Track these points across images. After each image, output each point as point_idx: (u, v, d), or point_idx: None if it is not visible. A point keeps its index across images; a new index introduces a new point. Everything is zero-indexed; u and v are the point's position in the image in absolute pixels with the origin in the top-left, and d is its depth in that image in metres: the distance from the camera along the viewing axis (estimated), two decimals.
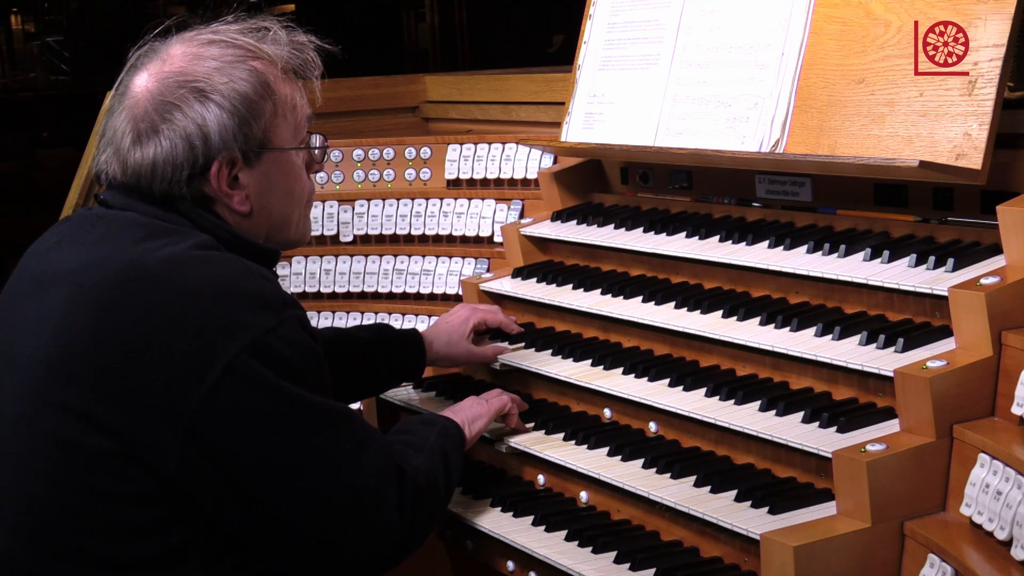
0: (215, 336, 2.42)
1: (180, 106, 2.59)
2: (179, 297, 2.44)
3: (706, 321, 2.99)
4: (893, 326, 2.68)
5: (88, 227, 2.62)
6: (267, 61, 2.68)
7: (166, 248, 2.51)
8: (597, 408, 3.15)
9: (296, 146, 2.73)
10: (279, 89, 2.69)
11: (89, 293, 2.48)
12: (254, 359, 2.43)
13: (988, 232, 2.69)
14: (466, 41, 14.92)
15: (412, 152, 4.30)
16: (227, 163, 2.62)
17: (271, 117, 2.66)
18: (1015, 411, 2.35)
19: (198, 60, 2.63)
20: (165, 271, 2.47)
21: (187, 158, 2.59)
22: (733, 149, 3.17)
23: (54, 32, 17.68)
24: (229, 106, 2.60)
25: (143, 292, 2.45)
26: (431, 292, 4.08)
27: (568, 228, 3.60)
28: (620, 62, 3.58)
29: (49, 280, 2.56)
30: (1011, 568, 2.18)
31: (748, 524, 2.49)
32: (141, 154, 2.60)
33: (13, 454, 2.49)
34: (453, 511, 3.02)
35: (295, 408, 2.48)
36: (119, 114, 2.65)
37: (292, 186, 2.74)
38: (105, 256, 2.52)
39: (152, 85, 2.62)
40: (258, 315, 2.47)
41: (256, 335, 2.44)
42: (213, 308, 2.45)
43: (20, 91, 17.43)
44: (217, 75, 2.62)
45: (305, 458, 2.49)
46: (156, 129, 2.59)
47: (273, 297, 2.53)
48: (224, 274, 2.50)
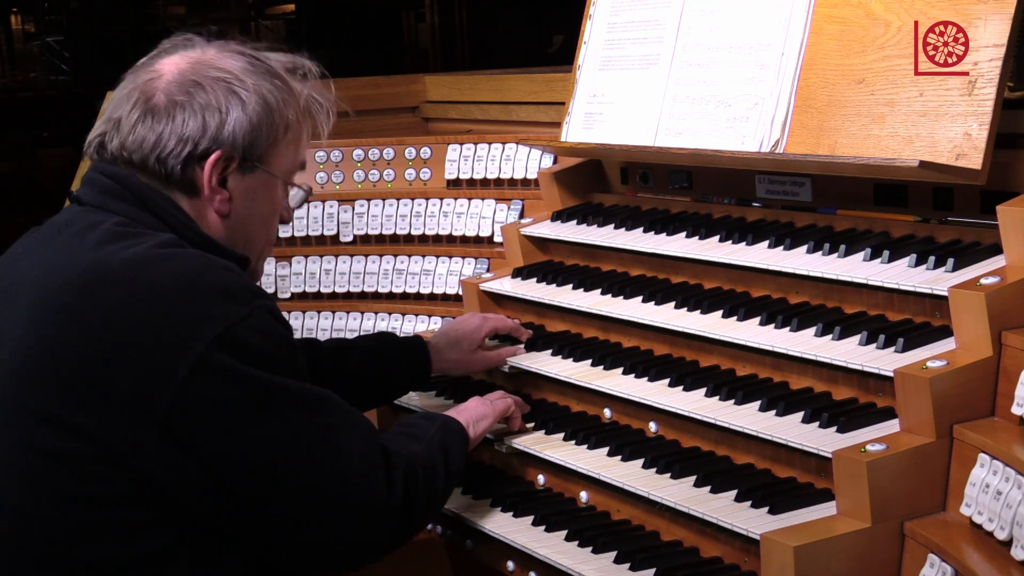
0: (182, 331, 2.42)
1: (206, 88, 2.63)
2: (144, 296, 2.44)
3: (706, 321, 2.99)
4: (893, 326, 2.68)
5: (54, 234, 2.62)
6: (294, 92, 2.74)
7: (129, 250, 2.50)
8: (597, 408, 3.15)
9: (286, 179, 2.77)
10: (294, 121, 2.74)
11: (52, 298, 2.48)
12: (222, 351, 2.42)
13: (988, 232, 2.69)
14: (466, 41, 14.92)
15: (412, 152, 4.30)
16: (225, 159, 2.64)
17: (277, 140, 2.70)
18: (1015, 411, 2.35)
19: (234, 60, 2.69)
20: (128, 271, 2.46)
21: (194, 135, 2.61)
22: (733, 149, 3.17)
23: (54, 32, 17.69)
24: (251, 107, 2.65)
25: (107, 294, 2.45)
26: (431, 292, 4.09)
27: (568, 228, 3.60)
28: (620, 62, 3.58)
29: (15, 291, 2.56)
30: (1011, 568, 2.18)
31: (748, 524, 2.49)
32: (149, 126, 2.62)
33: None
34: (453, 511, 3.02)
35: (268, 395, 2.47)
36: (132, 88, 2.67)
37: (268, 217, 2.77)
38: (67, 260, 2.52)
39: (184, 65, 2.66)
40: (225, 306, 2.46)
41: (223, 328, 2.43)
42: (178, 304, 2.44)
43: (20, 91, 17.44)
44: (249, 77, 2.67)
45: (282, 444, 2.48)
46: (174, 103, 2.62)
47: (239, 287, 2.52)
48: (187, 268, 2.50)
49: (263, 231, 2.79)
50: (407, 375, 3.37)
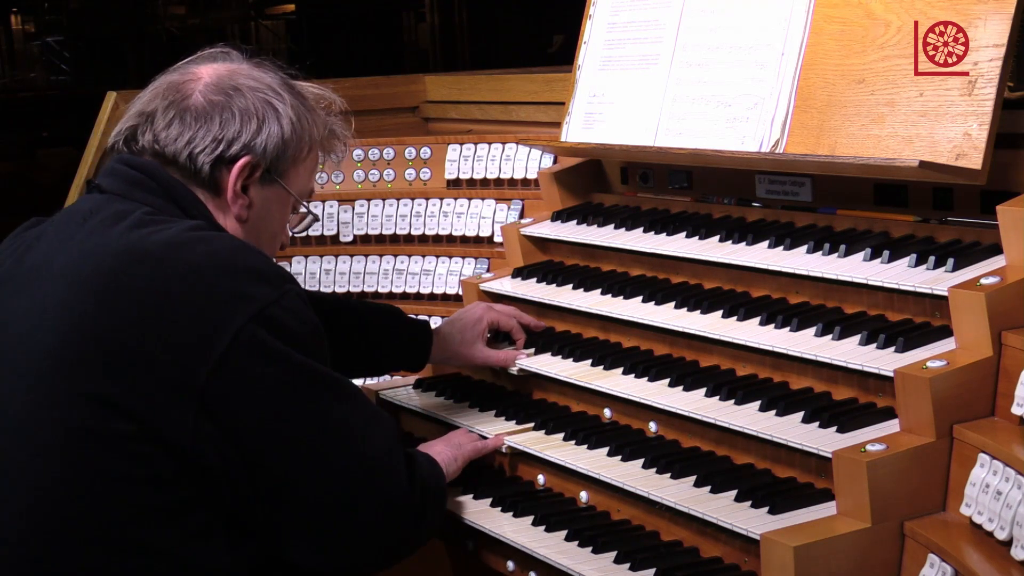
0: (220, 309, 2.46)
1: (245, 95, 2.72)
2: (181, 274, 2.48)
3: (706, 321, 2.99)
4: (893, 326, 2.68)
5: (79, 222, 2.64)
6: (319, 119, 2.85)
7: (161, 232, 2.55)
8: (597, 408, 3.15)
9: (297, 200, 2.83)
10: (316, 145, 2.84)
11: (88, 281, 2.51)
12: (261, 328, 2.46)
13: (988, 232, 2.69)
14: (466, 41, 14.94)
15: (412, 152, 4.30)
16: (252, 166, 2.72)
17: (299, 160, 2.80)
18: (1015, 411, 2.35)
19: (270, 75, 2.79)
20: (164, 251, 2.51)
21: (229, 137, 2.68)
22: (733, 149, 3.17)
23: (54, 32, 17.71)
24: (285, 121, 2.74)
25: (144, 273, 2.49)
26: (431, 292, 4.09)
27: (568, 228, 3.60)
28: (620, 62, 3.58)
29: (38, 276, 2.58)
30: (1011, 568, 2.18)
31: (748, 524, 2.49)
32: (187, 123, 2.68)
33: (26, 449, 2.48)
34: (453, 511, 3.02)
35: (304, 377, 2.51)
36: (168, 88, 2.73)
37: (276, 233, 2.84)
38: (98, 245, 2.55)
39: (223, 71, 2.74)
40: (260, 287, 2.51)
41: (261, 306, 2.48)
42: (216, 283, 2.49)
43: (20, 91, 17.45)
44: (285, 93, 2.77)
45: (315, 426, 2.52)
46: (213, 103, 2.69)
47: (272, 271, 2.58)
48: (222, 249, 2.55)
49: (269, 246, 2.84)
50: (404, 351, 3.37)
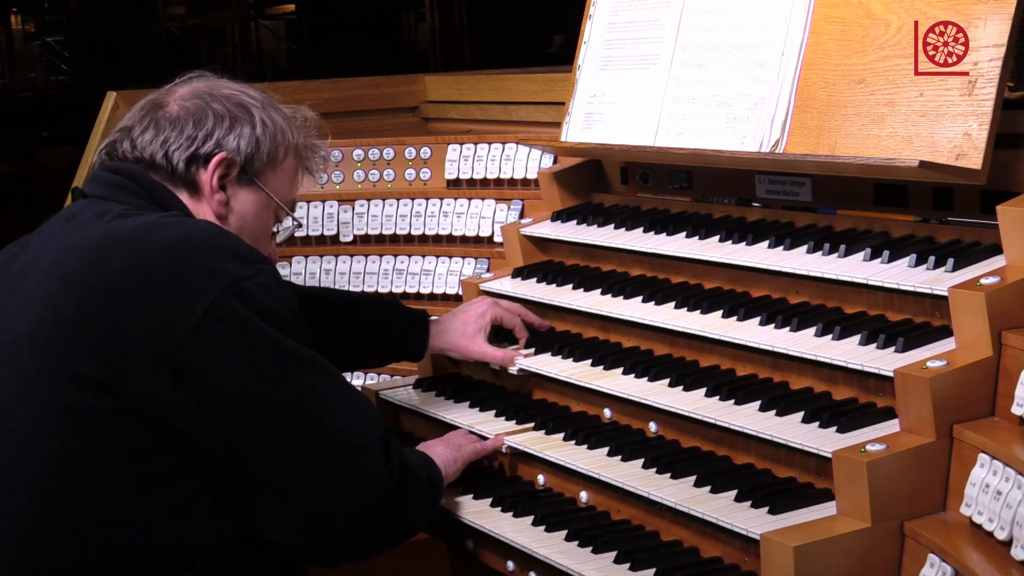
0: (195, 283, 2.52)
1: (219, 99, 2.83)
2: (155, 253, 2.56)
3: (706, 321, 2.99)
4: (893, 326, 2.68)
5: (61, 224, 2.73)
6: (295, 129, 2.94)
7: (137, 219, 2.64)
8: (597, 408, 3.15)
9: (279, 204, 2.90)
10: (293, 154, 2.93)
11: (70, 271, 2.59)
12: (235, 300, 2.51)
13: (988, 232, 2.69)
14: (466, 41, 14.94)
15: (412, 152, 4.30)
16: (227, 163, 2.80)
17: (276, 163, 2.89)
18: (1015, 411, 2.35)
19: (245, 87, 2.92)
20: (140, 234, 2.60)
21: (202, 135, 2.78)
22: (733, 149, 3.17)
23: (54, 32, 17.71)
24: (258, 122, 2.84)
25: (120, 254, 2.57)
26: (431, 292, 4.09)
27: (568, 228, 3.60)
28: (620, 62, 3.58)
29: (21, 277, 2.66)
30: (1011, 568, 2.18)
31: (748, 524, 2.49)
32: (161, 128, 2.79)
33: (18, 436, 2.54)
34: (453, 511, 3.02)
35: (277, 351, 2.55)
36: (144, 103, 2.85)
37: (258, 237, 2.88)
38: (80, 239, 2.64)
39: (202, 87, 2.87)
40: (234, 264, 2.57)
41: (235, 279, 2.53)
42: (190, 259, 2.55)
43: (20, 91, 17.45)
44: (259, 98, 2.90)
45: (287, 396, 2.56)
46: (187, 109, 2.81)
47: (247, 252, 2.63)
48: (198, 230, 2.63)
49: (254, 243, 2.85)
50: (399, 341, 3.40)
